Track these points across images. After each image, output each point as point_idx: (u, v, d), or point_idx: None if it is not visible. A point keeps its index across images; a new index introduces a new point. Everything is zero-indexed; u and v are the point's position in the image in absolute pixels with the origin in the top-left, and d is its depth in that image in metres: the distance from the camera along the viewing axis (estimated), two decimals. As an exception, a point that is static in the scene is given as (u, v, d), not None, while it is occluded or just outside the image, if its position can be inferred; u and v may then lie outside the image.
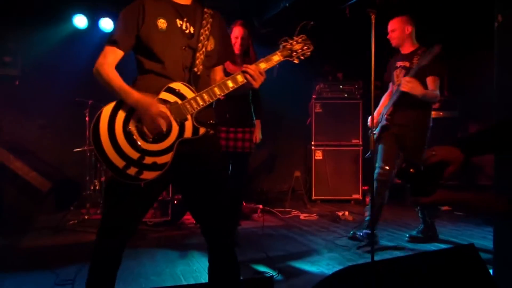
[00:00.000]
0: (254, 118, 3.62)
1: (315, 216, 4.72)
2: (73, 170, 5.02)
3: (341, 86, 5.61)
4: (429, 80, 3.46)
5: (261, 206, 4.86)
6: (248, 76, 1.81)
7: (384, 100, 3.82)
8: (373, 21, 2.78)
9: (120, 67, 1.81)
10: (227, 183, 1.96)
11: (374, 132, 3.63)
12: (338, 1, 4.77)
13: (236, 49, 3.45)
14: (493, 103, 2.36)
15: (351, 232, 3.75)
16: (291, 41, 1.91)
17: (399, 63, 3.62)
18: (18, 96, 4.99)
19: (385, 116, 3.57)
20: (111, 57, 1.79)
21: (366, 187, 5.55)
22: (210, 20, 1.90)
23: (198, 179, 1.84)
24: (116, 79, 1.75)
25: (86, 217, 4.39)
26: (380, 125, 3.61)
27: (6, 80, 4.88)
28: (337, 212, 4.68)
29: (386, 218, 4.59)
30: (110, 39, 1.80)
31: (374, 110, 3.12)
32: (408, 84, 3.34)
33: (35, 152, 4.93)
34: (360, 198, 5.51)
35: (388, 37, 3.63)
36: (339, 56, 5.80)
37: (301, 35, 1.93)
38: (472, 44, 5.07)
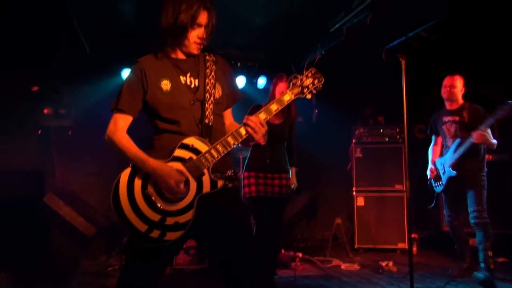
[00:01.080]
0: (289, 165, 3.63)
1: (357, 266, 4.49)
2: (116, 216, 5.18)
3: (381, 130, 5.47)
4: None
5: (300, 255, 4.70)
6: (248, 129, 1.75)
7: (434, 152, 4.12)
8: (403, 67, 2.76)
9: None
10: (250, 236, 1.87)
11: (437, 183, 3.99)
12: (375, 46, 4.77)
13: None
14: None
15: None
16: (300, 77, 1.86)
17: (447, 118, 3.90)
18: (70, 145, 5.35)
19: (450, 167, 3.79)
20: (121, 123, 1.81)
21: (414, 235, 5.23)
22: (214, 67, 1.89)
23: (221, 234, 1.78)
24: (130, 147, 1.76)
25: (126, 262, 4.46)
26: (445, 176, 3.87)
27: (60, 130, 5.28)
28: (380, 262, 4.44)
29: (434, 271, 4.29)
30: (118, 107, 1.80)
31: (408, 155, 3.05)
32: (482, 137, 3.61)
33: (83, 198, 5.15)
34: (407, 247, 5.20)
35: (444, 90, 3.89)
36: (380, 99, 5.73)
37: (311, 69, 1.88)
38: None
